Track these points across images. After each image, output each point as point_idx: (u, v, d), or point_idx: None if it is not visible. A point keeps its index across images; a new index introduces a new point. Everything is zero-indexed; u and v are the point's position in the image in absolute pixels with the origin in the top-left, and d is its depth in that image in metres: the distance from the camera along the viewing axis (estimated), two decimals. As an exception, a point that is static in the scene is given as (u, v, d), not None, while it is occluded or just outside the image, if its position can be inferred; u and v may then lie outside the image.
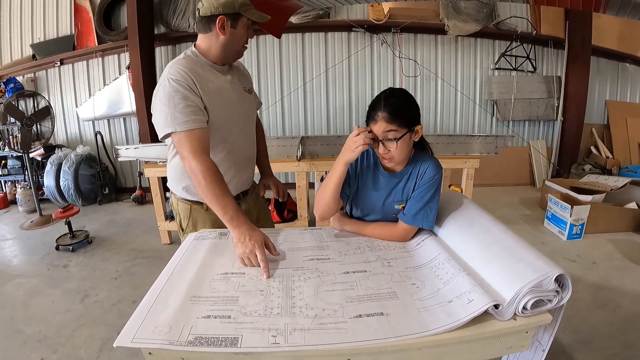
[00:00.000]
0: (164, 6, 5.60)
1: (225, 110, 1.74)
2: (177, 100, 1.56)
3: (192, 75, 1.61)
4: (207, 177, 1.54)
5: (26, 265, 3.76)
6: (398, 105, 1.50)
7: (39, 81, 6.09)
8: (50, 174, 5.44)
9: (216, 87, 1.71)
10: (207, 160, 1.57)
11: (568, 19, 5.79)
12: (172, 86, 1.57)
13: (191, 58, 1.70)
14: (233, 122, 1.79)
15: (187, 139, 1.56)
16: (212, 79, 1.71)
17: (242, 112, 1.86)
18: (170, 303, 1.17)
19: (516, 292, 1.07)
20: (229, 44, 1.70)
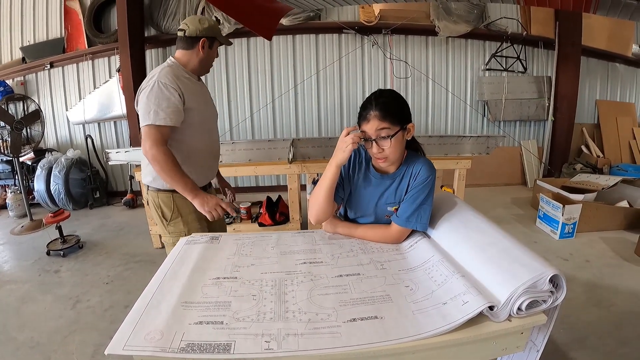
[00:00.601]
0: (155, 9, 5.57)
1: (203, 110, 2.13)
2: (161, 100, 1.88)
3: (178, 81, 1.94)
4: (169, 163, 1.88)
5: (17, 270, 3.71)
6: (389, 103, 1.51)
7: (29, 84, 6.02)
8: (40, 178, 5.39)
9: (195, 92, 2.07)
10: (168, 150, 1.90)
11: (558, 20, 5.83)
12: (160, 88, 1.88)
13: (176, 67, 2.04)
14: (208, 120, 2.22)
15: (158, 131, 1.87)
16: (192, 85, 2.06)
17: (213, 114, 2.30)
18: (162, 309, 1.16)
19: (511, 293, 1.07)
20: (205, 60, 2.12)
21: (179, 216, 2.12)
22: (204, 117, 2.15)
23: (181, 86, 1.94)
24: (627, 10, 3.25)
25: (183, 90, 1.94)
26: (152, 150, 1.86)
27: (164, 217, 2.14)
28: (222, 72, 5.84)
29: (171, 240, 2.13)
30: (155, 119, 1.86)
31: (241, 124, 5.96)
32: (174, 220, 2.13)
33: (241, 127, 5.99)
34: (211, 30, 2.05)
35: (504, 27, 5.80)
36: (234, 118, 5.98)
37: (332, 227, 1.74)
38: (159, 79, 1.90)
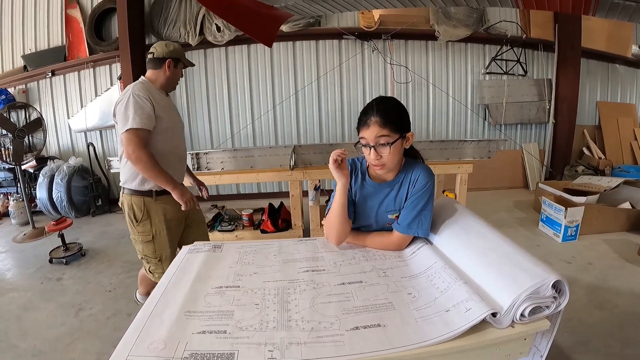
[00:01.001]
0: (155, 16, 5.59)
1: (170, 120, 2.42)
2: (136, 108, 2.20)
3: (149, 94, 2.28)
4: (152, 161, 2.22)
5: (19, 278, 3.72)
6: (390, 110, 1.51)
7: (31, 92, 6.05)
8: (42, 186, 5.40)
9: (164, 104, 2.39)
10: (150, 152, 2.23)
11: (557, 22, 5.85)
12: (135, 99, 2.21)
13: (146, 83, 2.39)
14: (175, 128, 2.51)
15: (137, 135, 2.19)
16: (160, 99, 2.39)
17: (179, 123, 2.60)
18: (164, 318, 1.16)
19: (514, 299, 1.07)
20: (171, 78, 2.46)
21: (147, 218, 2.39)
22: (171, 125, 2.43)
23: (151, 96, 2.28)
24: (626, 12, 3.25)
25: (153, 101, 2.27)
26: (136, 152, 2.18)
27: (135, 218, 2.39)
28: (224, 79, 5.86)
29: (140, 239, 2.41)
30: (133, 123, 2.17)
31: (242, 130, 5.97)
32: (143, 221, 2.40)
33: (242, 134, 5.99)
34: (175, 53, 2.42)
35: (504, 30, 5.81)
36: (235, 125, 5.99)
37: None
38: (133, 91, 2.24)
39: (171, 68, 2.42)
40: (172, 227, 2.47)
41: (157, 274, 2.49)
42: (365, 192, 1.65)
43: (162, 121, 2.32)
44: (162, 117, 2.32)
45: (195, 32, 5.48)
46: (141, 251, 2.47)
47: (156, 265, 2.47)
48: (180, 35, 5.51)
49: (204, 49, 5.74)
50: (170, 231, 2.45)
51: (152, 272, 2.52)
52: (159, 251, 2.43)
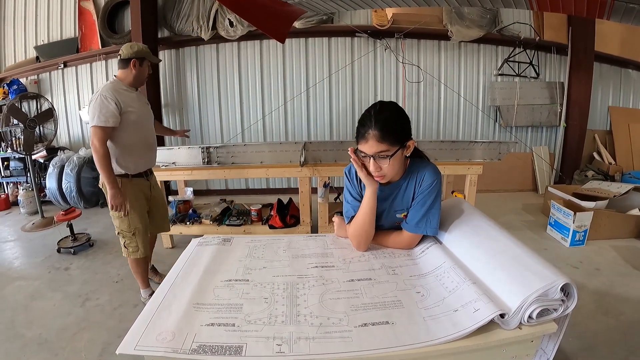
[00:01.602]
0: (168, 10, 5.61)
1: (138, 113, 2.73)
2: (102, 108, 2.50)
3: (116, 93, 2.57)
4: (104, 156, 2.54)
5: (27, 267, 3.75)
6: (389, 121, 1.46)
7: (42, 83, 6.10)
8: (52, 176, 5.44)
9: (132, 99, 2.71)
10: (105, 147, 2.54)
11: (571, 25, 5.79)
12: (101, 100, 2.51)
13: (116, 82, 2.70)
14: (143, 120, 2.81)
15: (100, 132, 2.51)
16: (127, 95, 2.68)
17: (147, 115, 2.92)
18: (173, 310, 1.17)
19: (522, 301, 1.07)
20: (137, 76, 2.74)
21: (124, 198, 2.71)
22: (139, 118, 2.74)
23: (118, 97, 2.56)
24: (641, 17, 3.23)
25: (120, 99, 2.57)
26: (95, 145, 2.51)
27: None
28: (235, 74, 5.88)
29: (116, 214, 2.75)
30: (97, 121, 2.50)
31: (253, 126, 5.98)
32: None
33: (253, 129, 6.00)
34: (140, 53, 2.69)
35: (517, 32, 5.77)
36: (246, 120, 6.00)
37: (345, 232, 1.73)
38: (101, 93, 2.54)
39: (137, 67, 2.70)
40: (141, 207, 2.87)
41: (131, 247, 2.87)
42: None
43: (129, 115, 2.65)
44: (130, 111, 2.65)
45: (208, 27, 5.49)
46: (118, 226, 2.84)
47: (130, 239, 2.84)
48: (192, 29, 5.52)
49: (216, 44, 5.75)
50: (140, 209, 2.84)
51: (127, 246, 2.88)
52: (132, 226, 2.79)
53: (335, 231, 1.78)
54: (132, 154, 2.77)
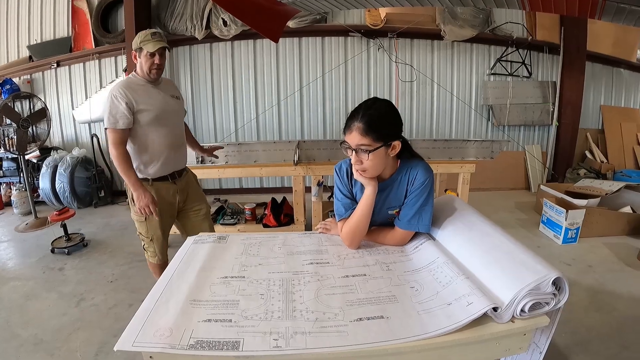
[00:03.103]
0: (162, 9, 5.60)
1: (157, 109, 2.46)
2: (112, 109, 2.33)
3: (127, 91, 2.36)
4: (121, 160, 2.36)
5: (22, 268, 3.74)
6: (376, 117, 1.48)
7: (35, 83, 6.06)
8: (45, 176, 5.42)
9: (149, 95, 2.47)
10: (121, 149, 2.36)
11: (563, 25, 5.84)
12: (111, 100, 2.34)
13: (130, 79, 2.50)
14: (163, 116, 2.51)
15: (112, 134, 2.35)
16: (143, 89, 2.46)
17: (170, 111, 2.58)
18: (170, 307, 1.17)
19: (514, 294, 1.08)
20: (142, 67, 2.47)
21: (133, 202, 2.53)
22: (157, 115, 2.48)
23: (130, 94, 2.37)
24: (632, 17, 3.25)
25: (132, 97, 2.36)
26: (111, 149, 2.37)
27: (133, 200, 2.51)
28: (229, 73, 5.87)
29: (135, 217, 2.56)
30: (108, 123, 2.35)
31: (247, 125, 5.98)
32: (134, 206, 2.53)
33: (247, 129, 6.00)
34: (135, 44, 2.46)
35: (510, 31, 5.81)
36: (240, 119, 5.99)
37: (338, 230, 1.74)
38: (111, 92, 2.37)
39: (137, 58, 2.50)
40: (163, 212, 2.57)
41: (149, 252, 2.69)
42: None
43: (144, 114, 2.43)
44: (144, 110, 2.43)
45: (202, 26, 5.48)
46: (137, 229, 2.64)
47: (148, 244, 2.65)
48: (186, 28, 5.51)
49: (210, 43, 5.74)
50: (163, 215, 2.56)
51: (145, 249, 2.70)
52: (151, 232, 2.59)
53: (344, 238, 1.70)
54: (151, 156, 2.53)
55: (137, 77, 2.51)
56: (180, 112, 2.73)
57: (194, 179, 2.89)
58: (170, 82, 2.78)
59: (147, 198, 2.40)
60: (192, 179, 2.87)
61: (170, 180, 2.62)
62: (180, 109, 2.73)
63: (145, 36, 2.43)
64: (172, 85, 2.77)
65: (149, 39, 2.43)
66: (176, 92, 2.72)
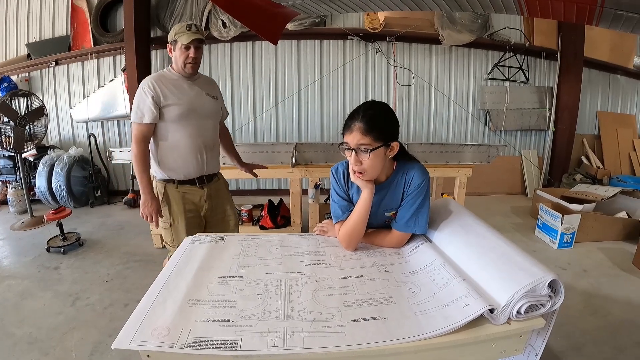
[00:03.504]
0: (161, 9, 5.60)
1: (185, 105, 2.34)
2: (140, 101, 2.26)
3: (156, 84, 2.28)
4: (139, 158, 2.28)
5: (17, 266, 3.72)
6: (376, 117, 1.50)
7: (33, 81, 6.05)
8: (42, 175, 5.41)
9: (177, 90, 2.34)
10: (142, 146, 2.29)
11: (561, 31, 5.88)
12: (140, 92, 2.27)
13: (164, 72, 2.40)
14: (193, 114, 2.38)
15: (136, 128, 2.28)
16: (174, 84, 2.35)
17: (202, 109, 2.43)
18: (168, 306, 1.18)
19: (511, 296, 1.09)
20: (176, 61, 2.37)
21: (167, 205, 2.42)
22: (186, 112, 2.35)
23: (160, 88, 2.28)
24: (629, 24, 3.27)
25: (160, 91, 2.27)
26: (132, 144, 2.30)
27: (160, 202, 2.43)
28: (227, 75, 5.87)
29: (162, 224, 2.43)
30: (134, 117, 2.28)
31: (244, 126, 5.98)
32: (163, 207, 2.42)
33: (244, 130, 6.01)
34: (170, 36, 2.34)
35: (507, 37, 5.84)
36: (237, 121, 6.00)
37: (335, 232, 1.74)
38: (142, 84, 2.29)
39: (172, 51, 2.37)
40: (190, 219, 2.45)
41: None
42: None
43: (172, 109, 2.30)
44: (172, 105, 2.30)
45: (201, 27, 5.49)
46: (164, 237, 2.58)
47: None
48: (185, 29, 5.51)
49: (208, 44, 5.73)
50: (188, 222, 2.43)
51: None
52: (177, 240, 2.39)
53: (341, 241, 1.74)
54: (177, 156, 2.38)
55: (171, 71, 2.41)
56: (214, 113, 2.57)
57: (225, 187, 2.72)
58: (210, 80, 2.65)
59: (153, 206, 2.29)
60: (223, 187, 2.71)
61: (198, 185, 2.46)
62: (215, 110, 2.57)
63: (180, 28, 2.29)
64: (212, 83, 2.64)
65: (184, 31, 2.28)
66: (214, 91, 2.58)
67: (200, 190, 2.46)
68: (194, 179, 2.44)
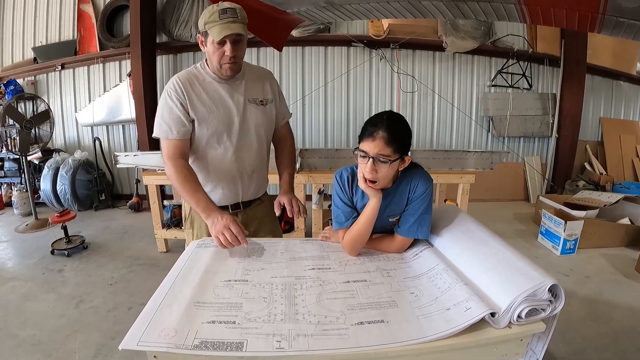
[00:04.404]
0: (167, 15, 5.65)
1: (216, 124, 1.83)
2: (165, 111, 1.77)
3: (184, 87, 1.77)
4: (179, 178, 1.73)
5: (21, 268, 3.75)
6: (399, 129, 1.49)
7: (39, 84, 6.11)
8: (47, 178, 5.44)
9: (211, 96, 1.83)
10: (179, 163, 1.76)
11: (564, 38, 5.90)
12: (165, 97, 1.78)
13: (194, 71, 1.86)
14: (225, 130, 1.86)
15: (167, 146, 1.79)
16: (210, 90, 1.83)
17: (242, 125, 1.88)
18: (174, 308, 1.19)
19: (512, 300, 1.10)
20: (209, 58, 1.81)
21: (191, 227, 2.04)
22: (218, 131, 1.85)
23: (187, 92, 1.78)
24: (631, 30, 3.29)
25: (188, 97, 1.78)
26: (165, 164, 1.80)
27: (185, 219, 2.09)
28: (231, 79, 5.89)
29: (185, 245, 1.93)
30: (158, 131, 1.81)
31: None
32: (187, 229, 2.06)
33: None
34: (200, 25, 1.74)
35: (510, 44, 5.87)
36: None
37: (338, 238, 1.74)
38: (168, 87, 1.79)
39: (204, 45, 1.80)
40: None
41: None
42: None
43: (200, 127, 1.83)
44: (203, 122, 1.82)
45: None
46: None
47: None
48: (191, 35, 5.56)
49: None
50: None
51: None
52: None
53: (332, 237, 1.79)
54: (204, 180, 1.91)
55: (205, 69, 1.86)
56: (261, 125, 1.96)
57: (266, 211, 2.15)
58: (260, 76, 2.00)
59: (225, 219, 1.61)
60: (264, 212, 2.15)
61: (231, 211, 1.99)
62: (262, 121, 1.96)
63: (212, 14, 1.67)
64: (262, 81, 1.99)
65: (216, 20, 1.65)
66: (263, 93, 1.97)
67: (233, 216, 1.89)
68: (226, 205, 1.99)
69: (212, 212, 1.67)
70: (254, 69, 2.00)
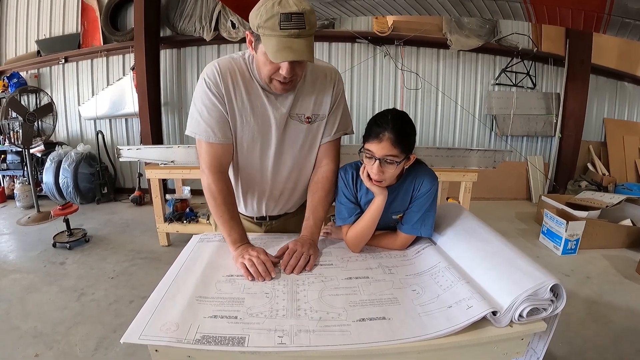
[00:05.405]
0: (171, 9, 5.64)
1: (251, 123, 1.54)
2: (203, 105, 1.47)
3: (224, 78, 1.46)
4: (219, 199, 1.50)
5: (23, 260, 3.76)
6: (405, 129, 1.47)
7: (43, 77, 6.11)
8: (49, 171, 5.46)
9: (249, 101, 1.51)
10: (222, 181, 1.52)
11: (569, 37, 5.88)
12: (202, 87, 1.47)
13: (239, 60, 1.51)
14: (257, 144, 1.59)
15: (207, 151, 1.51)
16: (250, 91, 1.51)
17: (274, 138, 1.58)
18: (176, 302, 1.19)
19: (513, 299, 1.10)
20: (257, 66, 1.45)
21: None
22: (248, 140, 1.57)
23: (227, 86, 1.46)
24: (637, 31, 3.29)
25: (225, 92, 1.46)
26: (202, 173, 1.53)
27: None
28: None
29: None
30: (197, 129, 1.50)
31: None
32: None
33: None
34: (252, 23, 1.31)
35: (515, 42, 5.85)
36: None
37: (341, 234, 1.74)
38: (204, 72, 1.46)
39: (252, 46, 1.40)
40: None
41: None
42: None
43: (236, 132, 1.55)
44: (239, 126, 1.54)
45: (210, 28, 5.52)
46: None
47: None
48: (195, 29, 5.55)
49: (217, 45, 5.77)
50: None
51: None
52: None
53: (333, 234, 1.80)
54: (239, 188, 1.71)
55: (251, 65, 1.50)
56: (302, 145, 1.64)
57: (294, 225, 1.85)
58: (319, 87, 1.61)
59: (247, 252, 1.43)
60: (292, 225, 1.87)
61: (256, 221, 1.83)
62: (303, 140, 1.64)
63: (270, 18, 1.23)
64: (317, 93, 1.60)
65: (275, 29, 1.24)
66: (311, 109, 1.60)
67: (256, 227, 1.85)
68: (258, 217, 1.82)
69: (240, 245, 1.49)
70: (316, 72, 1.59)
